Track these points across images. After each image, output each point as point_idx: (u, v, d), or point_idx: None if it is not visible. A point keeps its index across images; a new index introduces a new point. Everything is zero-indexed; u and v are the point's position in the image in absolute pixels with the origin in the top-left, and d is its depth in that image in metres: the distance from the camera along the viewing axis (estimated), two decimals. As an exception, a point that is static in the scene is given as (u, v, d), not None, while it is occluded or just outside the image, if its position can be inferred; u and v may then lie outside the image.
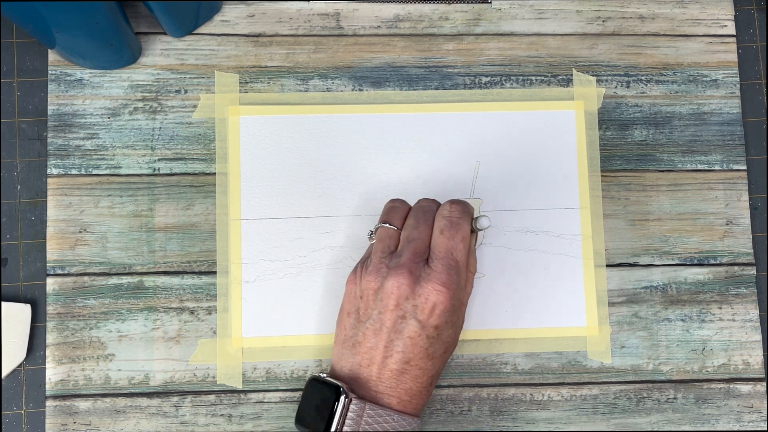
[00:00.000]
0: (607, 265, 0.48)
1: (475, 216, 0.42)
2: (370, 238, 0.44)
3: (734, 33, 0.51)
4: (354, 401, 0.38)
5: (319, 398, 0.40)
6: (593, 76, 0.50)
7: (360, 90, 0.49)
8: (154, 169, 0.47)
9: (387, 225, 0.42)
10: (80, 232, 0.47)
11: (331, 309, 0.46)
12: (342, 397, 0.38)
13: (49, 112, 0.47)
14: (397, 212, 0.43)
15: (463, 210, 0.41)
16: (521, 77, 0.49)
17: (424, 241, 0.41)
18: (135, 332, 0.46)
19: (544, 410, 0.47)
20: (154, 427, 0.45)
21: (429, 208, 0.42)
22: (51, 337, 0.46)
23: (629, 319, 0.48)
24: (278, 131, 0.48)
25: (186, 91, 0.48)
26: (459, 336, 0.42)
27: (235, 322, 0.46)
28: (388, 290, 0.39)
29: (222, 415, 0.46)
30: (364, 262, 0.42)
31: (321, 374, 0.41)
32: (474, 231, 0.42)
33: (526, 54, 0.50)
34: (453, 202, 0.42)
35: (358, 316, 0.41)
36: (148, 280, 0.46)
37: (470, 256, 0.43)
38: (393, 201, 0.44)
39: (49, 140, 0.47)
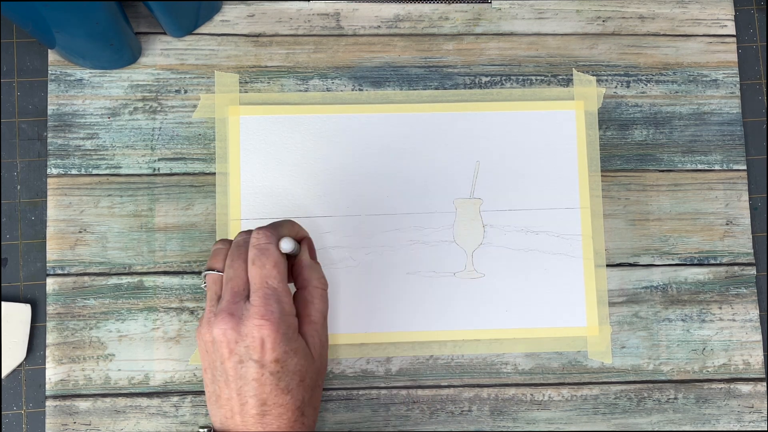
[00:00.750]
0: (607, 265, 0.48)
1: None
2: (204, 288, 0.42)
3: (734, 33, 0.51)
4: None
5: None
6: (593, 76, 0.50)
7: (360, 90, 0.49)
8: (154, 169, 0.47)
9: (212, 271, 0.41)
10: (80, 232, 0.47)
11: (330, 309, 0.46)
12: None
13: (49, 112, 0.47)
14: (219, 255, 0.41)
15: (270, 234, 0.39)
16: (521, 77, 0.49)
17: (241, 277, 0.39)
18: (135, 332, 0.46)
19: (545, 410, 0.47)
20: (154, 427, 0.45)
21: (243, 241, 0.40)
22: (51, 337, 0.46)
23: (629, 319, 0.48)
24: (278, 131, 0.48)
25: (186, 91, 0.48)
26: (322, 358, 0.41)
27: (235, 322, 0.46)
28: (218, 339, 0.38)
29: (222, 415, 0.46)
30: (202, 316, 0.41)
31: (202, 428, 0.39)
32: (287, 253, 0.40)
33: (526, 54, 0.50)
34: (260, 228, 0.40)
35: (212, 371, 0.39)
36: (148, 280, 0.46)
37: (311, 271, 0.41)
38: (217, 243, 0.42)
39: (49, 140, 0.47)
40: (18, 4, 0.38)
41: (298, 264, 0.41)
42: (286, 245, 0.39)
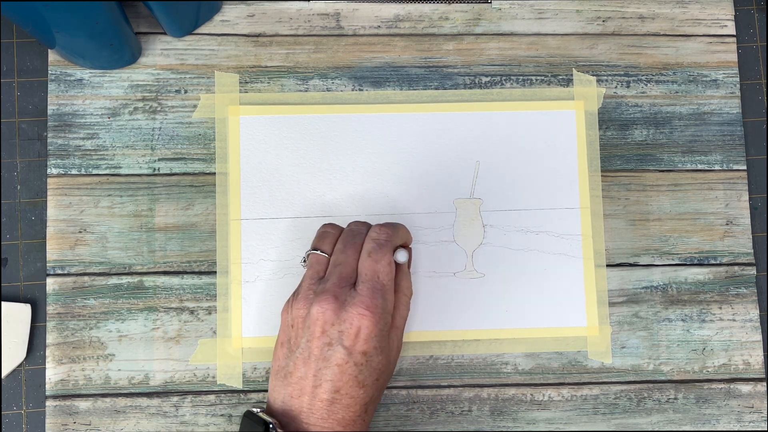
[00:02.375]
0: (607, 265, 0.48)
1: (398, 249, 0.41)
2: (303, 266, 0.43)
3: (734, 33, 0.51)
4: None
5: None
6: (593, 76, 0.50)
7: (360, 90, 0.49)
8: (154, 169, 0.47)
9: (317, 251, 0.42)
10: (80, 232, 0.47)
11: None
12: None
13: (49, 112, 0.47)
14: (327, 237, 0.42)
15: (391, 232, 0.41)
16: (521, 77, 0.49)
17: (351, 265, 0.40)
18: (135, 332, 0.46)
19: (545, 410, 0.47)
20: (154, 427, 0.45)
21: (358, 231, 0.42)
22: (51, 337, 0.46)
23: (629, 319, 0.48)
24: (278, 131, 0.48)
25: (186, 91, 0.48)
26: (394, 362, 0.41)
27: (235, 322, 0.46)
28: (314, 317, 0.38)
29: (222, 415, 0.46)
30: (296, 292, 0.41)
31: (254, 409, 0.40)
32: (397, 262, 0.41)
33: (526, 54, 0.50)
34: (382, 225, 0.41)
35: (290, 346, 0.40)
36: (148, 280, 0.46)
37: (404, 278, 0.42)
38: (325, 226, 0.43)
39: (49, 140, 0.47)
40: (18, 4, 0.38)
41: (396, 269, 0.42)
42: (402, 257, 0.41)
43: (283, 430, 0.38)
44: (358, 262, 0.40)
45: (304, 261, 0.43)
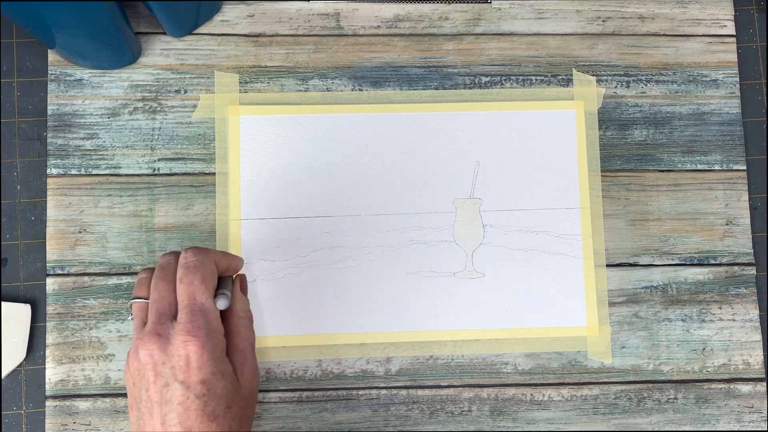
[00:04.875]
0: (607, 265, 0.48)
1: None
2: (131, 320, 0.41)
3: (734, 33, 0.51)
4: None
5: None
6: (593, 76, 0.50)
7: (360, 90, 0.49)
8: (154, 169, 0.47)
9: (137, 300, 0.39)
10: (80, 232, 0.47)
11: (330, 309, 0.46)
12: None
13: (49, 112, 0.47)
14: (143, 282, 0.40)
15: (200, 252, 0.39)
16: (521, 77, 0.49)
17: (167, 298, 0.38)
18: (135, 332, 0.46)
19: (545, 410, 0.47)
20: (154, 428, 0.45)
21: (167, 263, 0.39)
22: (51, 337, 0.46)
23: (629, 319, 0.48)
24: (278, 131, 0.48)
25: (186, 91, 0.48)
26: (250, 388, 0.39)
27: (235, 322, 0.46)
28: (143, 362, 0.36)
29: (222, 415, 0.46)
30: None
31: None
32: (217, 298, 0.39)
33: (526, 54, 0.50)
34: (190, 248, 0.39)
35: (137, 405, 0.37)
36: (148, 280, 0.46)
37: (237, 300, 0.41)
38: (141, 272, 0.41)
39: (48, 140, 0.47)
40: (18, 4, 0.38)
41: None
42: (222, 304, 0.38)
43: None
44: (175, 292, 0.38)
45: (131, 316, 0.40)
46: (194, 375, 0.36)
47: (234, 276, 0.43)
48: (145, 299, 0.39)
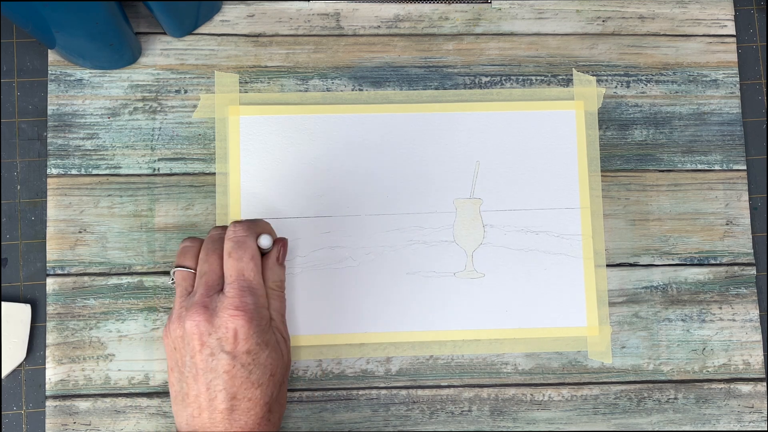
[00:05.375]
0: (607, 265, 0.48)
1: None
2: (172, 285, 0.43)
3: (734, 33, 0.51)
4: None
5: None
6: (593, 76, 0.50)
7: (360, 90, 0.49)
8: (154, 169, 0.47)
9: (181, 268, 0.41)
10: (80, 232, 0.47)
11: (330, 309, 0.46)
12: None
13: (49, 112, 0.47)
14: (189, 252, 0.42)
15: (248, 227, 0.40)
16: (521, 77, 0.49)
17: (215, 271, 0.40)
18: (135, 332, 0.46)
19: (545, 410, 0.47)
20: (154, 427, 0.45)
21: (218, 236, 0.41)
22: (51, 337, 0.46)
23: (629, 319, 0.48)
24: (278, 131, 0.48)
25: (186, 91, 0.48)
26: (286, 354, 0.41)
27: (235, 322, 0.46)
28: (189, 332, 0.38)
29: (222, 415, 0.46)
30: (171, 314, 0.41)
31: None
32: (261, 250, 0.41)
33: (526, 54, 0.50)
34: (236, 222, 0.41)
35: (179, 368, 0.39)
36: (148, 280, 0.46)
37: (270, 270, 0.42)
38: (185, 241, 0.43)
39: (49, 140, 0.47)
40: (18, 4, 0.38)
41: (261, 263, 0.42)
42: (265, 241, 0.41)
43: None
44: (223, 266, 0.40)
45: (173, 281, 0.42)
46: (241, 346, 0.38)
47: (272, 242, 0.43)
48: (188, 268, 0.41)
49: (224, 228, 0.42)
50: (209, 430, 0.38)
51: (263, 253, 0.42)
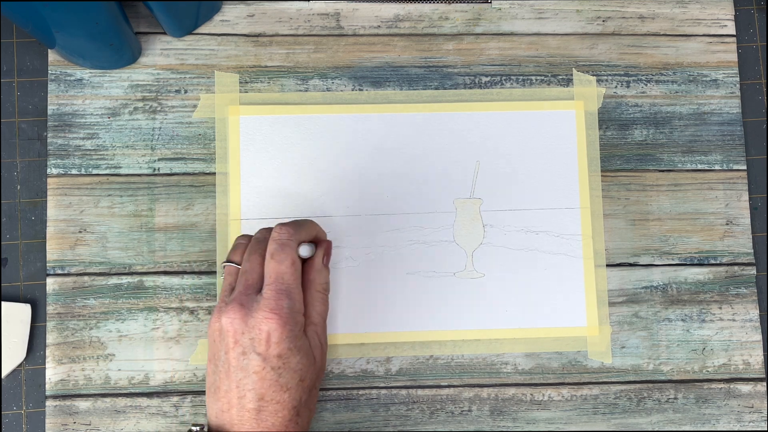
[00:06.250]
0: (607, 265, 0.48)
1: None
2: (222, 278, 0.43)
3: (734, 33, 0.51)
4: None
5: None
6: (593, 76, 0.50)
7: (360, 90, 0.49)
8: (154, 169, 0.47)
9: (230, 263, 0.42)
10: (80, 232, 0.47)
11: (330, 309, 0.46)
12: None
13: (49, 112, 0.47)
14: (239, 248, 0.42)
15: (293, 230, 0.40)
16: (521, 77, 0.49)
17: (256, 271, 0.40)
18: (135, 332, 0.46)
19: (545, 410, 0.47)
20: (154, 427, 0.45)
21: (263, 237, 0.41)
22: (51, 337, 0.46)
23: (629, 319, 0.48)
24: (278, 131, 0.48)
25: (186, 91, 0.48)
26: (321, 361, 0.41)
27: (235, 322, 0.46)
28: (225, 328, 0.38)
29: (222, 415, 0.46)
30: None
31: (194, 427, 0.40)
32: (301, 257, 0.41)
33: (526, 54, 0.50)
34: (284, 224, 0.41)
35: (215, 361, 0.40)
36: (148, 280, 0.46)
37: (316, 273, 0.42)
38: (239, 237, 0.43)
39: (49, 140, 0.47)
40: (18, 4, 0.38)
41: (307, 265, 0.42)
42: (304, 251, 0.41)
43: None
44: (264, 266, 0.40)
45: (222, 275, 0.43)
46: (273, 349, 0.38)
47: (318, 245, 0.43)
48: (236, 264, 0.41)
49: (268, 230, 0.42)
50: (236, 425, 0.38)
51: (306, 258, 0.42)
